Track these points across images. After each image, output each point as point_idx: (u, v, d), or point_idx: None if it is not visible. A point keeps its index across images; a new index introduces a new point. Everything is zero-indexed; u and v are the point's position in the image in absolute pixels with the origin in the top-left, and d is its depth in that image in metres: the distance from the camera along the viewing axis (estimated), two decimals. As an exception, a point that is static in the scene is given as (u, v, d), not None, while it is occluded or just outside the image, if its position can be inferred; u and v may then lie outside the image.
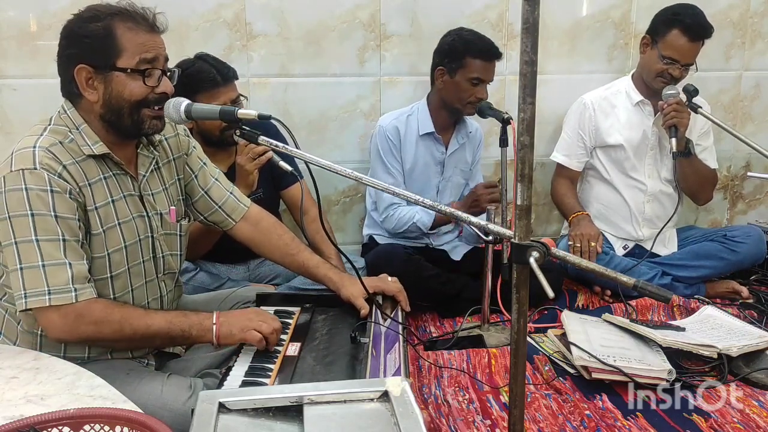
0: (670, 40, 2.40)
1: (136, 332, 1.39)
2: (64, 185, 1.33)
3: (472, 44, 2.31)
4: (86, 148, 1.41)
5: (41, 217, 1.30)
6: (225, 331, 1.47)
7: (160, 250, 1.57)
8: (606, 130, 2.57)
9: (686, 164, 2.51)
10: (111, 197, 1.44)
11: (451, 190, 2.58)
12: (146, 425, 0.87)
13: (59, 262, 1.31)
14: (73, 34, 1.39)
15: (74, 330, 1.34)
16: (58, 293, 1.31)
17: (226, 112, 1.41)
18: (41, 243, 1.30)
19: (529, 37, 1.00)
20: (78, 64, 1.38)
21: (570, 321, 2.10)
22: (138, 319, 1.40)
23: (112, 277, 1.46)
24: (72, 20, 1.41)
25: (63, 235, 1.32)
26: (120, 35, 1.37)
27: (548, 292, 1.01)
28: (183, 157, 1.67)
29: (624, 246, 2.66)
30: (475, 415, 1.76)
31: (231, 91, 2.09)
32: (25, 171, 1.31)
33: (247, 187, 2.10)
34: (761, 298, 2.48)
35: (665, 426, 1.70)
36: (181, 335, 1.46)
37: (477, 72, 2.30)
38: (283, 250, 1.78)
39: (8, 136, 2.44)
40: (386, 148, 2.43)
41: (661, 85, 2.44)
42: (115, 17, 1.38)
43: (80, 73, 1.38)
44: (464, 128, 2.53)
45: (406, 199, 1.32)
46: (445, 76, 2.36)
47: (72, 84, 1.40)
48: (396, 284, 1.83)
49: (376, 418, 0.91)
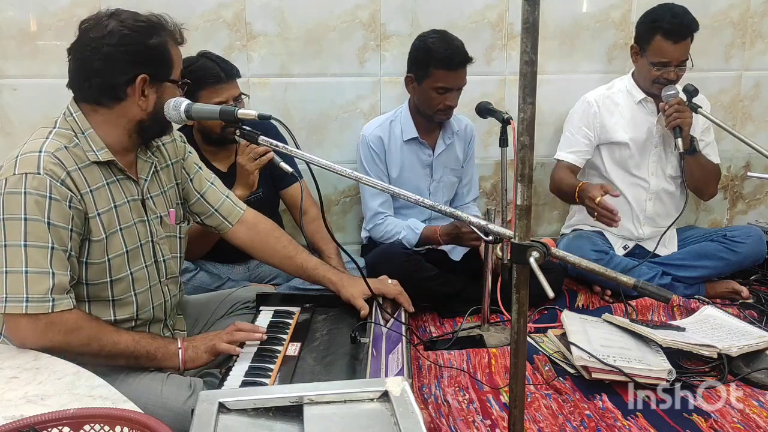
0: (654, 47, 2.40)
1: (102, 348, 1.38)
2: (64, 192, 1.33)
3: (434, 54, 2.26)
4: (91, 154, 1.41)
5: (34, 223, 1.30)
6: (191, 355, 1.49)
7: (161, 254, 1.57)
8: (612, 128, 2.56)
9: (692, 161, 2.51)
10: (114, 203, 1.45)
11: (443, 191, 2.58)
12: (146, 425, 0.87)
13: (43, 271, 1.31)
14: (136, 45, 1.39)
15: (42, 337, 1.32)
16: (36, 302, 1.30)
17: (226, 112, 1.41)
18: (29, 249, 1.30)
19: (529, 37, 1.00)
20: (139, 73, 1.40)
21: (570, 321, 2.10)
22: (107, 335, 1.39)
23: (112, 281, 1.46)
24: (126, 32, 1.39)
25: (52, 243, 1.32)
26: (171, 49, 1.45)
27: (548, 292, 1.01)
28: (180, 162, 1.68)
29: (624, 246, 2.66)
30: (475, 415, 1.76)
31: (233, 88, 2.10)
32: (28, 175, 1.31)
33: (248, 187, 2.10)
34: (761, 298, 2.48)
35: (665, 426, 1.70)
36: (146, 356, 1.45)
37: (441, 81, 2.28)
38: (281, 252, 1.79)
39: (8, 136, 2.44)
40: (369, 157, 2.43)
41: (658, 91, 2.44)
42: (167, 33, 1.44)
43: (140, 81, 1.41)
44: (450, 127, 2.50)
45: (406, 199, 1.32)
46: (414, 83, 2.35)
47: (118, 89, 1.41)
48: (396, 287, 1.82)
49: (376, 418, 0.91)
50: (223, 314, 1.81)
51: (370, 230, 2.49)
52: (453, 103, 2.33)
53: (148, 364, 1.47)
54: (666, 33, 2.37)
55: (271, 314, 1.71)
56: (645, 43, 2.43)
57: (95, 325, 1.39)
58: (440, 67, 2.26)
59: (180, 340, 1.51)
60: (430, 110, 2.35)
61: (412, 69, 2.35)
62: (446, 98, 2.30)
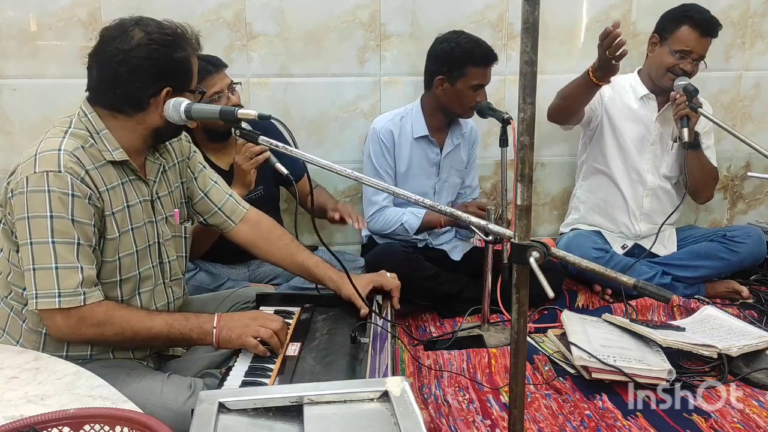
0: (680, 35, 2.43)
1: (137, 334, 1.42)
2: (85, 190, 1.36)
3: (472, 53, 2.31)
4: (107, 154, 1.44)
5: (59, 220, 1.33)
6: (225, 336, 1.48)
7: (166, 255, 1.59)
8: (618, 111, 2.57)
9: (693, 157, 2.51)
10: (127, 202, 1.48)
11: (447, 191, 2.58)
12: (146, 425, 0.87)
13: (72, 266, 1.34)
14: (165, 59, 1.42)
15: (76, 331, 1.37)
16: (68, 296, 1.34)
17: (226, 112, 1.41)
18: (57, 245, 1.33)
19: (529, 37, 1.00)
20: (165, 85, 1.43)
21: (570, 321, 2.10)
22: (139, 322, 1.43)
23: (122, 280, 1.48)
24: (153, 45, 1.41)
25: (78, 239, 1.35)
26: (192, 62, 1.49)
27: (548, 292, 1.01)
28: (185, 161, 1.70)
29: (623, 246, 2.66)
30: (475, 415, 1.76)
31: (224, 77, 2.12)
32: (50, 173, 1.33)
33: (245, 186, 2.10)
34: (761, 298, 2.48)
35: (665, 426, 1.70)
36: (181, 338, 1.48)
37: (478, 79, 2.32)
38: (283, 251, 1.79)
39: (8, 135, 2.43)
40: (378, 151, 2.43)
41: (670, 82, 2.45)
42: (188, 44, 1.47)
43: (164, 93, 1.44)
44: (458, 128, 2.52)
45: (406, 199, 1.32)
46: (446, 84, 2.36)
47: (143, 100, 1.44)
48: (394, 280, 1.82)
49: (376, 418, 0.91)
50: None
51: (370, 223, 2.49)
52: (484, 98, 2.36)
53: (183, 344, 1.52)
54: (695, 23, 2.41)
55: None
56: (669, 32, 2.46)
57: (126, 313, 1.43)
58: (478, 65, 2.31)
59: (217, 318, 1.49)
60: (462, 108, 2.38)
61: (442, 71, 2.35)
62: (479, 95, 2.34)
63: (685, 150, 2.47)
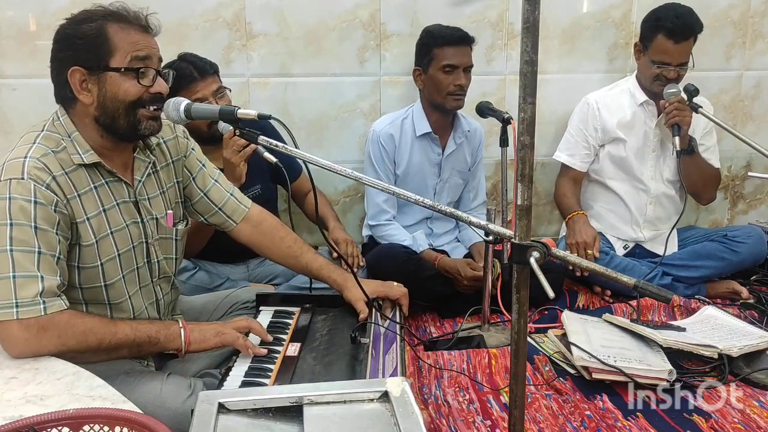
0: (656, 45, 2.40)
1: (101, 341, 1.34)
2: (50, 197, 1.31)
3: (434, 34, 2.33)
4: (77, 158, 1.38)
5: (20, 228, 1.27)
6: (197, 336, 1.45)
7: (154, 255, 1.55)
8: (612, 128, 2.56)
9: (689, 162, 2.50)
10: (102, 206, 1.42)
11: (448, 192, 2.58)
12: (146, 425, 0.87)
13: (31, 275, 1.27)
14: (66, 37, 1.37)
15: (36, 344, 1.26)
16: (26, 306, 1.26)
17: (226, 112, 1.41)
18: (15, 253, 1.26)
19: (529, 37, 1.00)
20: (72, 66, 1.35)
21: (570, 321, 2.10)
22: (103, 327, 1.35)
23: (106, 285, 1.44)
24: (64, 24, 1.39)
25: (39, 247, 1.28)
26: (112, 35, 1.35)
27: (548, 292, 1.01)
28: (182, 160, 1.65)
29: (624, 246, 2.66)
30: (475, 416, 1.76)
31: (211, 84, 2.10)
32: (13, 180, 1.29)
33: (236, 180, 2.08)
34: (762, 299, 2.47)
35: (665, 426, 1.70)
36: (148, 341, 1.41)
37: (447, 59, 2.30)
38: (286, 251, 1.78)
39: (8, 136, 2.44)
40: (378, 155, 2.43)
41: (659, 89, 2.44)
42: (108, 18, 1.36)
43: (74, 75, 1.36)
44: (461, 127, 2.51)
45: (406, 199, 1.32)
46: (422, 75, 2.38)
47: (66, 88, 1.38)
48: (400, 288, 1.81)
49: (376, 418, 0.90)
50: (222, 314, 1.81)
51: (374, 227, 2.49)
52: (462, 81, 2.32)
53: (151, 349, 1.44)
54: (668, 32, 2.37)
55: (271, 314, 1.71)
56: (647, 41, 2.43)
57: (88, 319, 1.35)
58: (442, 44, 2.31)
59: (181, 320, 1.49)
60: (441, 95, 2.35)
61: (417, 61, 2.38)
62: (453, 78, 2.31)
63: (678, 157, 2.47)
